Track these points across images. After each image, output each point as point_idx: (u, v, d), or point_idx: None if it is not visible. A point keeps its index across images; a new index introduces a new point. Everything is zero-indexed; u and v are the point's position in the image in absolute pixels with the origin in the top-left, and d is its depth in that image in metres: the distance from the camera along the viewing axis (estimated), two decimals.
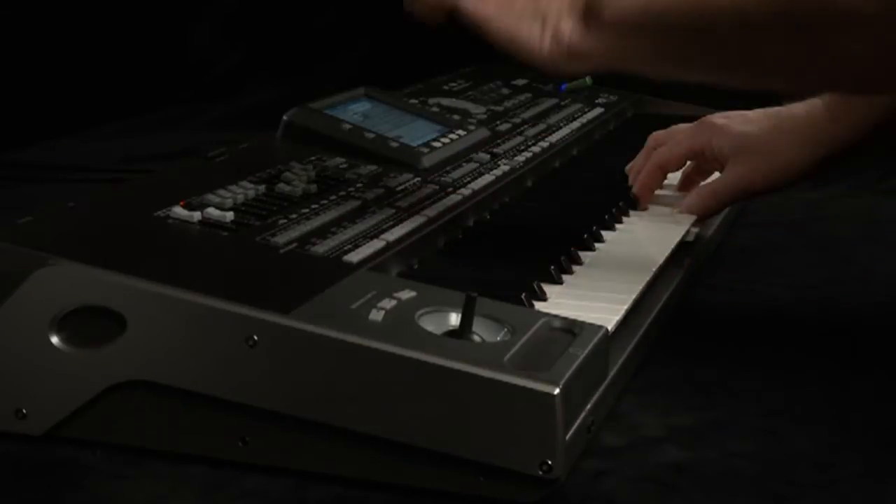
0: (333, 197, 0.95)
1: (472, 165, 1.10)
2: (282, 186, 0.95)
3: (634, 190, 1.10)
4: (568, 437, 0.69)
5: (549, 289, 0.86)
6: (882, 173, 1.46)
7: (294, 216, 0.89)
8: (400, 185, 1.01)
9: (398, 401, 0.70)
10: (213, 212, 0.86)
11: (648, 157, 1.12)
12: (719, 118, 1.08)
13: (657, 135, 1.13)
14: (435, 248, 0.94)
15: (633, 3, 0.77)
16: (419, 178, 1.03)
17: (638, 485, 0.73)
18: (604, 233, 1.00)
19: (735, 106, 1.50)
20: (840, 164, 1.01)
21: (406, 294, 0.76)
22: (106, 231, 0.83)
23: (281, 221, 0.87)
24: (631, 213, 1.08)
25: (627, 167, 1.15)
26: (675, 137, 1.11)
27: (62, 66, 1.68)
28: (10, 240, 0.77)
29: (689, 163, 1.13)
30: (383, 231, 0.89)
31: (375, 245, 0.86)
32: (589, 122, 1.37)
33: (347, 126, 1.09)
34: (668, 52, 0.77)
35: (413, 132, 1.14)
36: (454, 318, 0.74)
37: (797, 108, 1.03)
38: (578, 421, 0.71)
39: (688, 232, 1.04)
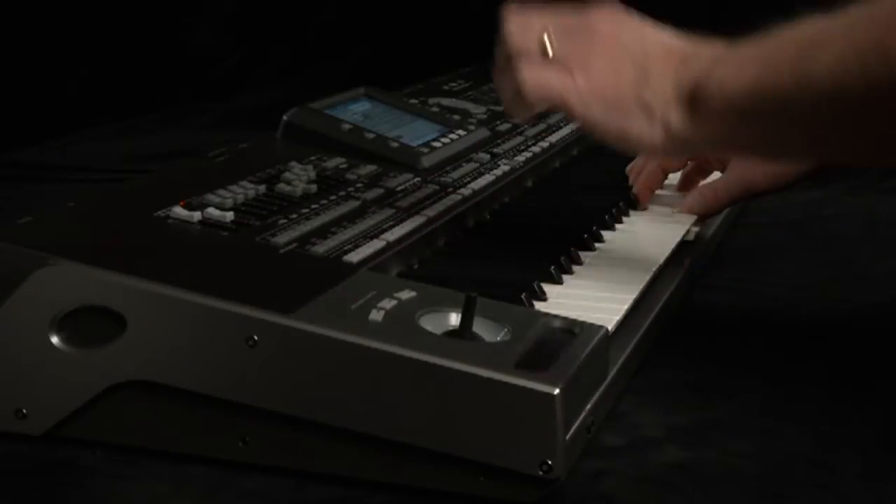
0: (333, 197, 0.95)
1: (472, 165, 1.10)
2: (282, 186, 0.95)
3: (635, 190, 1.10)
4: (568, 437, 0.69)
5: (549, 289, 0.86)
6: (882, 173, 1.46)
7: (294, 216, 0.89)
8: (400, 185, 1.01)
9: (398, 401, 0.70)
10: (213, 212, 0.86)
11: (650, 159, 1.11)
12: None
13: None
14: (435, 248, 0.94)
15: (737, 89, 0.77)
16: (419, 178, 1.03)
17: (638, 485, 0.73)
18: (604, 233, 1.00)
19: None
20: (841, 164, 1.01)
21: (406, 294, 0.76)
22: (106, 231, 0.83)
23: (281, 221, 0.87)
24: (631, 213, 1.08)
25: (628, 167, 1.14)
26: None
27: (62, 66, 1.68)
28: (10, 240, 0.77)
29: (689, 163, 1.13)
30: (383, 231, 0.89)
31: (375, 245, 0.86)
32: None
33: (347, 126, 1.09)
34: (774, 132, 0.77)
35: (413, 132, 1.14)
36: (454, 318, 0.74)
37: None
38: (578, 421, 0.71)
39: (688, 232, 1.04)
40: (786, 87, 0.74)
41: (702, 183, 1.12)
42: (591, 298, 0.85)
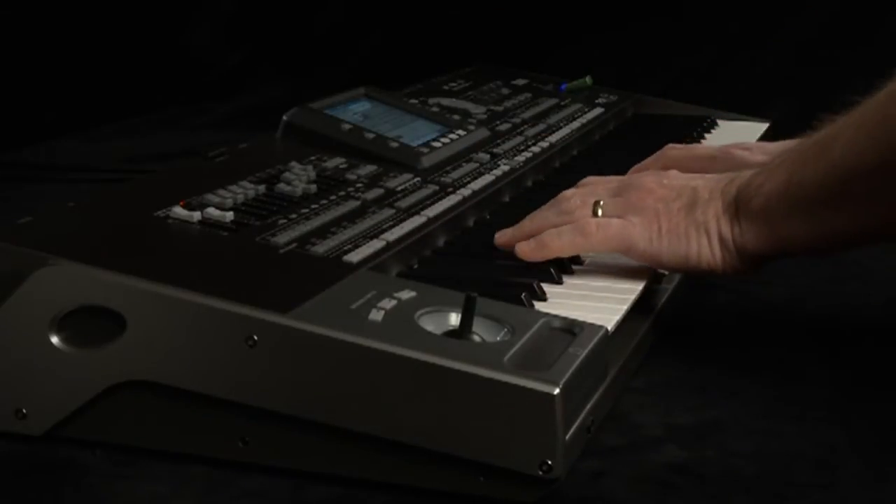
0: (333, 197, 0.95)
1: (472, 165, 1.10)
2: (282, 186, 0.95)
3: None
4: (568, 437, 0.69)
5: (549, 289, 0.86)
6: None
7: (294, 216, 0.89)
8: (400, 185, 1.01)
9: (398, 401, 0.70)
10: (213, 212, 0.86)
11: (658, 162, 1.11)
12: (738, 150, 1.07)
13: (674, 147, 1.12)
14: (435, 248, 0.94)
15: (773, 187, 0.84)
16: (419, 178, 1.03)
17: (638, 485, 0.73)
18: None
19: (737, 109, 1.51)
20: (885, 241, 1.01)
21: (406, 294, 0.76)
22: (106, 231, 0.83)
23: (281, 221, 0.87)
24: None
25: (633, 169, 1.14)
26: (693, 155, 1.09)
27: (62, 66, 1.68)
28: (10, 240, 0.77)
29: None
30: (383, 231, 0.89)
31: (375, 245, 0.86)
32: (589, 122, 1.37)
33: (347, 126, 1.09)
34: (813, 221, 0.83)
35: (413, 132, 1.14)
36: (454, 318, 0.74)
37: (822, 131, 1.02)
38: (578, 421, 0.71)
39: None
40: (811, 177, 0.82)
41: None
42: (591, 298, 0.85)
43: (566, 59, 1.73)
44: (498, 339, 0.73)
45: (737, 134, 1.39)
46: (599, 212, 0.89)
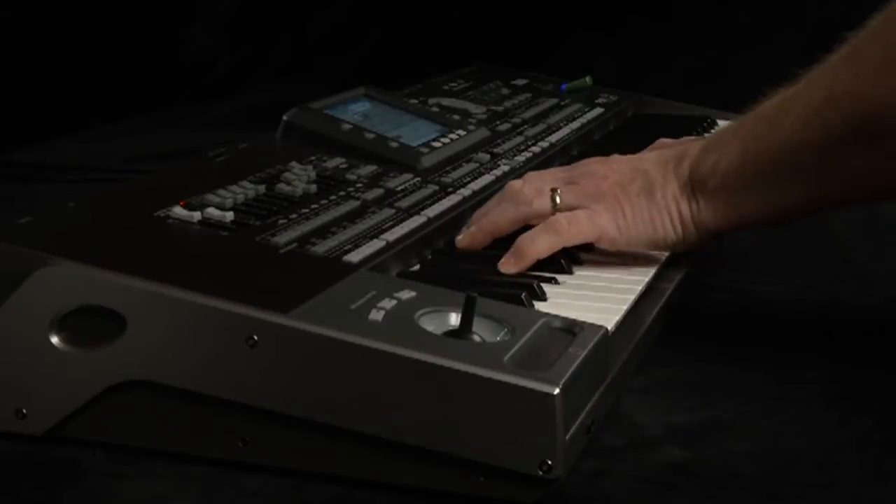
0: (333, 197, 0.95)
1: (472, 165, 1.10)
2: (282, 186, 0.95)
3: None
4: (568, 437, 0.69)
5: (549, 289, 0.86)
6: None
7: (294, 216, 0.89)
8: (400, 185, 1.01)
9: (398, 401, 0.70)
10: (213, 212, 0.86)
11: None
12: None
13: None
14: (435, 249, 0.94)
15: (726, 165, 0.87)
16: (419, 179, 1.03)
17: (638, 485, 0.73)
18: None
19: (737, 109, 1.51)
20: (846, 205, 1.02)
21: (406, 294, 0.76)
22: (106, 231, 0.83)
23: (281, 221, 0.87)
24: None
25: None
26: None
27: (62, 66, 1.68)
28: (10, 240, 0.77)
29: None
30: (383, 231, 0.89)
31: (375, 245, 0.86)
32: (589, 122, 1.37)
33: (347, 126, 1.09)
34: (769, 194, 0.87)
35: (413, 132, 1.14)
36: (454, 318, 0.74)
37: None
38: (578, 421, 0.71)
39: None
40: (764, 152, 0.86)
41: None
42: (591, 298, 0.85)
43: (566, 59, 1.73)
44: (498, 339, 0.73)
45: None
46: (558, 199, 0.92)
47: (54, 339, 0.75)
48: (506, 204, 0.94)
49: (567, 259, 0.90)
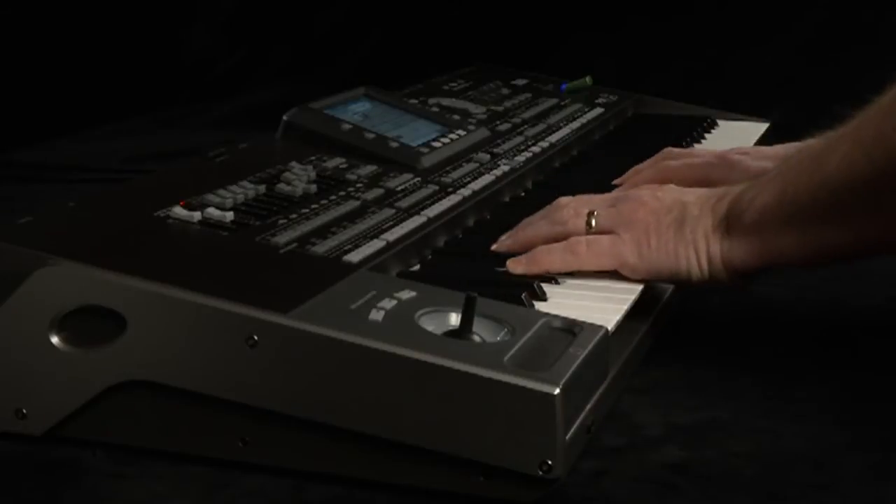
0: (333, 197, 0.95)
1: (472, 165, 1.10)
2: (282, 186, 0.95)
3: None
4: (568, 437, 0.69)
5: (549, 289, 0.86)
6: None
7: (294, 216, 0.89)
8: (400, 185, 1.01)
9: (398, 401, 0.70)
10: (213, 212, 0.86)
11: (655, 164, 1.11)
12: (736, 154, 1.08)
13: (671, 150, 1.12)
14: (435, 248, 0.94)
15: (764, 202, 0.85)
16: (419, 179, 1.03)
17: (638, 485, 0.73)
18: None
19: (737, 109, 1.51)
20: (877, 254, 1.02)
21: (406, 294, 0.76)
22: (106, 231, 0.83)
23: (281, 221, 0.87)
24: None
25: (632, 170, 1.14)
26: (690, 159, 1.10)
27: (62, 66, 1.68)
28: (10, 240, 0.77)
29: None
30: (383, 231, 0.89)
31: (375, 245, 0.86)
32: (589, 122, 1.37)
33: (347, 126, 1.09)
34: (804, 234, 0.84)
35: (413, 132, 1.14)
36: (454, 318, 0.74)
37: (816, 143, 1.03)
38: (578, 421, 0.71)
39: None
40: (805, 191, 0.83)
41: None
42: (591, 298, 0.85)
43: (566, 59, 1.73)
44: (498, 339, 0.73)
45: (737, 134, 1.39)
46: (593, 222, 0.90)
47: (54, 339, 0.75)
48: (544, 221, 0.93)
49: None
